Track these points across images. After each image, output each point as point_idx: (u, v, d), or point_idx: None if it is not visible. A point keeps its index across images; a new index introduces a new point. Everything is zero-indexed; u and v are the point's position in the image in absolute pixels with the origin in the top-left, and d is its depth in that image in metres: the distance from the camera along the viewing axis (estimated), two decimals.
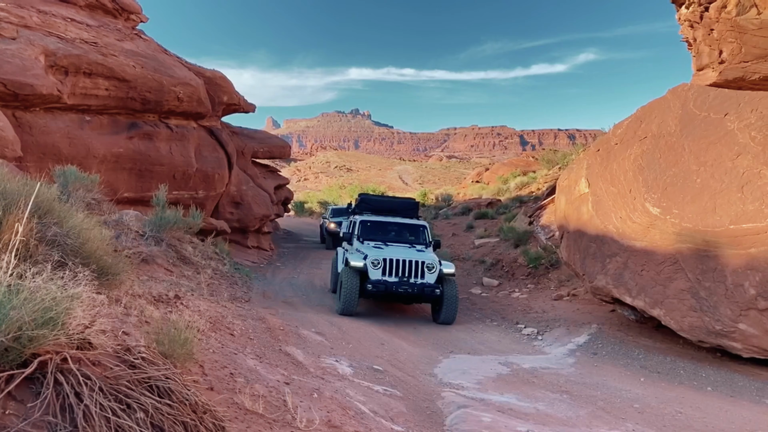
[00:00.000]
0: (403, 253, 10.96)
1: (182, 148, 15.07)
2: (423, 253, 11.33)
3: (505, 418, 5.42)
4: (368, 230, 12.14)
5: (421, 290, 10.45)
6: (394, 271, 10.63)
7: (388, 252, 11.00)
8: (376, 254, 10.80)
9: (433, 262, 10.78)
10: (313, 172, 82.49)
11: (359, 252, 11.13)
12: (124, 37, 14.88)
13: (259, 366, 5.13)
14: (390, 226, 12.50)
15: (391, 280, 10.54)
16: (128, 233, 9.37)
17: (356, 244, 11.72)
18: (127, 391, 2.46)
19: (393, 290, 10.40)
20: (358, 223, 12.31)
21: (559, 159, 27.86)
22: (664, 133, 10.16)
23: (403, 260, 10.69)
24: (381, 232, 12.22)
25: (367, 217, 12.48)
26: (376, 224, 12.35)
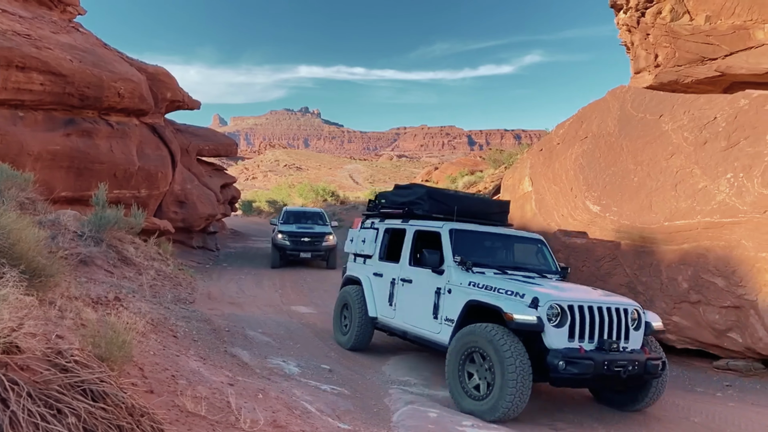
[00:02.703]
0: (579, 294, 6.02)
1: (123, 145, 14.59)
2: (587, 290, 6.46)
3: (451, 414, 5.49)
4: (466, 247, 6.82)
5: (642, 369, 5.70)
6: (587, 330, 5.65)
7: (563, 293, 5.89)
8: (551, 296, 5.66)
9: (637, 309, 6.07)
10: (262, 170, 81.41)
11: (481, 288, 6.05)
12: (60, 30, 14.29)
13: (202, 368, 5.03)
14: (494, 241, 7.49)
15: (594, 351, 5.56)
16: (65, 234, 9.00)
17: (454, 274, 6.47)
18: (58, 396, 2.37)
19: (606, 371, 5.47)
20: (448, 234, 6.86)
21: (505, 159, 28.45)
22: (604, 133, 10.51)
23: (599, 308, 5.76)
24: (481, 250, 7.17)
25: (457, 225, 7.07)
26: (473, 237, 7.10)
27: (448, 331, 6.21)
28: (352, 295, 8.15)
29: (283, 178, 69.29)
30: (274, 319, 9.69)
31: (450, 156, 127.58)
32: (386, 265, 7.83)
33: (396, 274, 7.50)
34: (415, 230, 7.50)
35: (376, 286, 7.90)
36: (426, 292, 6.74)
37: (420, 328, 6.82)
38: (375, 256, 8.10)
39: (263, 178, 76.08)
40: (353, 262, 8.65)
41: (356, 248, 8.53)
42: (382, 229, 8.16)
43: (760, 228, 7.43)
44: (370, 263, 8.16)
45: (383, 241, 8.05)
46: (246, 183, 67.26)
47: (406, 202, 7.90)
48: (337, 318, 8.56)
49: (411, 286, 7.17)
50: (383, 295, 7.68)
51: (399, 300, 7.36)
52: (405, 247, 7.49)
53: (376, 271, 7.96)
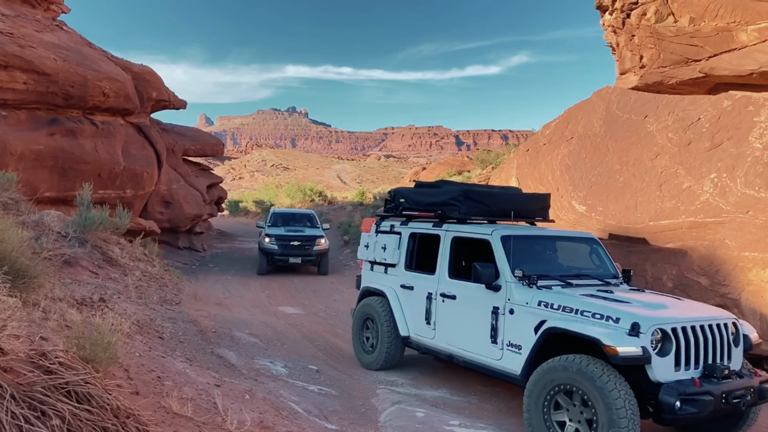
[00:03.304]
0: (677, 311, 5.05)
1: (108, 145, 14.46)
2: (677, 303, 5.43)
3: (438, 413, 5.51)
4: (521, 255, 5.75)
5: (757, 396, 4.85)
6: (692, 355, 4.73)
7: (659, 312, 4.96)
8: (652, 318, 4.69)
9: (735, 322, 5.19)
10: (249, 170, 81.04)
11: (557, 309, 5.03)
12: (44, 29, 14.13)
13: (189, 369, 5.00)
14: (548, 244, 6.59)
15: (706, 382, 4.65)
16: (49, 234, 8.90)
17: (516, 291, 5.42)
18: (42, 398, 2.34)
19: (724, 405, 4.57)
20: (500, 242, 5.76)
21: (492, 159, 28.54)
22: (590, 134, 10.59)
23: (701, 326, 4.84)
24: (535, 256, 6.19)
25: (508, 230, 6.00)
26: (527, 243, 6.10)
27: (513, 358, 5.27)
28: (377, 309, 7.09)
29: (270, 178, 69.04)
30: (261, 320, 9.66)
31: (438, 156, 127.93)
32: (416, 276, 6.73)
33: (432, 287, 6.40)
34: (453, 237, 6.34)
35: (407, 301, 6.80)
36: (478, 311, 5.71)
37: (473, 352, 5.78)
38: (400, 265, 6.98)
39: (250, 178, 75.75)
40: (370, 271, 7.52)
41: (374, 255, 7.34)
42: (405, 234, 7.00)
43: (743, 228, 7.52)
44: (394, 273, 7.06)
45: (408, 248, 6.93)
46: (233, 183, 66.94)
47: (437, 203, 6.69)
48: (357, 334, 7.48)
49: (455, 304, 6.08)
50: (417, 311, 6.59)
51: (440, 319, 6.27)
52: (441, 256, 6.40)
53: (405, 283, 6.85)
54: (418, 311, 6.57)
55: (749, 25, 5.12)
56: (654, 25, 5.90)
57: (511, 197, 7.08)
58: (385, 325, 6.95)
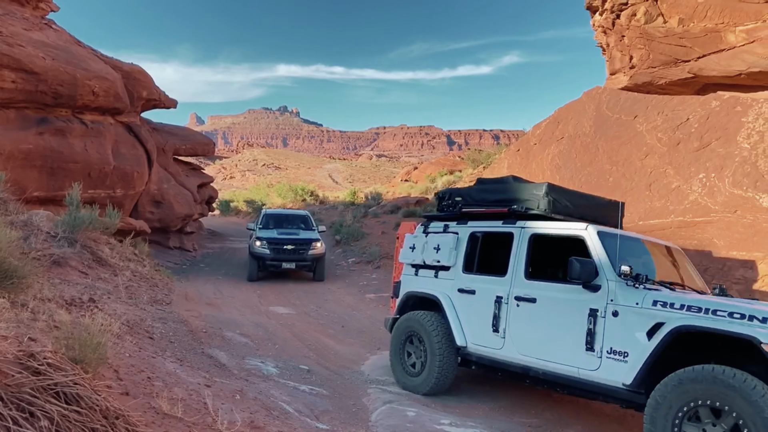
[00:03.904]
0: None
1: (98, 144, 14.37)
2: None
3: (429, 412, 5.52)
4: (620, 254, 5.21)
5: None
6: None
7: None
8: None
9: None
10: (240, 170, 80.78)
11: (680, 309, 4.46)
12: (33, 27, 14.02)
13: (179, 369, 4.98)
14: (639, 248, 5.82)
15: None
16: (38, 234, 8.84)
17: (620, 291, 4.84)
18: (31, 399, 2.33)
19: None
20: (597, 238, 5.23)
21: (484, 158, 28.65)
22: (580, 134, 10.64)
23: None
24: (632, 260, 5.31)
25: (604, 228, 5.46)
26: (625, 244, 5.41)
27: (616, 368, 4.66)
28: (426, 323, 6.30)
29: (261, 177, 68.87)
30: (252, 320, 9.63)
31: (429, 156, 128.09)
32: (479, 279, 6.08)
33: (503, 290, 5.73)
34: (532, 234, 5.73)
35: (466, 307, 6.12)
36: (567, 315, 5.09)
37: (558, 362, 5.09)
38: (457, 267, 6.34)
39: (241, 177, 75.51)
40: (414, 276, 6.83)
41: (423, 258, 6.67)
42: (464, 234, 6.40)
43: (730, 227, 7.59)
44: (448, 276, 6.40)
45: (468, 249, 6.32)
46: (224, 183, 66.71)
47: (509, 199, 6.20)
48: (397, 354, 6.65)
49: (535, 308, 5.41)
50: (480, 318, 5.89)
51: (513, 325, 5.57)
52: (516, 256, 5.76)
53: (464, 287, 6.17)
54: (482, 318, 5.85)
55: (737, 26, 5.17)
56: (643, 25, 5.94)
57: (594, 201, 6.56)
58: (436, 338, 6.14)
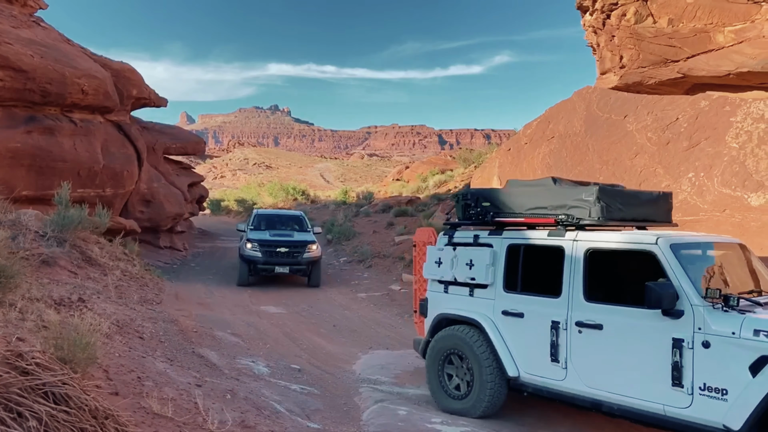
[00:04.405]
0: None
1: (88, 143, 14.26)
2: None
3: (420, 411, 5.52)
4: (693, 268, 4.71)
5: None
6: None
7: None
8: None
9: None
10: (231, 169, 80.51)
11: None
12: (21, 25, 13.90)
13: (169, 369, 4.96)
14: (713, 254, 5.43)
15: None
16: (27, 234, 8.77)
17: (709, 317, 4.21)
18: (19, 399, 2.31)
19: None
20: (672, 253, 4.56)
21: (475, 158, 28.73)
22: (570, 133, 10.68)
23: None
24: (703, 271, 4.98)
25: (678, 237, 4.85)
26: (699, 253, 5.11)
27: (714, 407, 4.08)
28: (469, 342, 5.58)
29: (252, 176, 68.67)
30: (243, 320, 9.61)
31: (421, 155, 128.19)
32: (527, 299, 5.31)
33: (559, 314, 5.01)
34: (589, 249, 4.94)
35: (514, 332, 5.36)
36: (645, 344, 4.47)
37: (639, 398, 4.49)
38: (495, 285, 5.55)
39: (232, 176, 75.25)
40: (444, 294, 6.02)
41: (453, 274, 5.86)
42: (501, 246, 5.59)
43: (719, 226, 7.65)
44: (487, 296, 5.61)
45: (508, 264, 5.52)
46: (214, 182, 66.47)
47: (552, 206, 5.33)
48: (436, 378, 5.88)
49: (602, 336, 4.74)
50: (534, 346, 5.19)
51: (577, 355, 4.90)
52: (571, 273, 5.00)
53: (509, 309, 5.39)
54: (535, 345, 5.16)
55: (726, 26, 5.21)
56: (633, 25, 5.97)
57: (644, 198, 5.72)
58: (485, 362, 5.43)
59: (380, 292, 13.67)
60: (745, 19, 5.03)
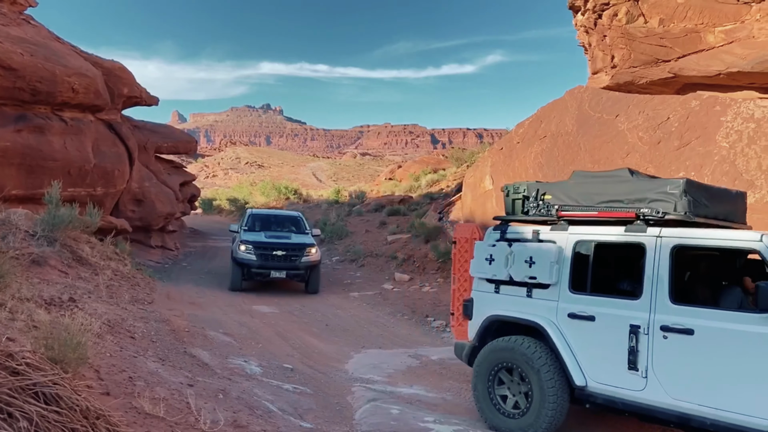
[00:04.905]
0: None
1: (78, 142, 14.17)
2: None
3: (413, 410, 5.53)
4: None
5: None
6: None
7: None
8: None
9: None
10: (223, 168, 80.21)
11: None
12: (10, 23, 13.79)
13: (161, 369, 4.94)
14: None
15: None
16: (17, 233, 8.70)
17: None
18: (9, 399, 2.29)
19: None
20: None
21: (467, 157, 28.75)
22: (562, 132, 10.72)
23: None
24: None
25: None
26: None
27: None
28: (531, 356, 5.01)
29: (244, 175, 68.45)
30: (236, 319, 9.58)
31: (413, 154, 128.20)
32: (599, 301, 4.86)
33: (640, 317, 4.56)
34: (675, 246, 4.52)
35: (583, 337, 4.89)
36: (749, 353, 4.07)
37: (741, 413, 4.08)
38: (560, 285, 5.06)
39: (224, 175, 74.97)
40: (494, 294, 5.51)
41: (510, 272, 5.33)
42: (568, 243, 5.11)
43: None
44: (548, 296, 5.12)
45: (575, 262, 5.07)
46: (206, 181, 66.20)
47: (632, 199, 4.90)
48: (484, 391, 5.32)
49: (693, 342, 4.32)
50: (608, 351, 4.73)
51: (661, 363, 4.44)
52: (654, 273, 4.56)
53: (577, 311, 4.91)
54: (609, 351, 4.72)
55: (716, 27, 5.25)
56: (625, 25, 6.00)
57: (726, 196, 5.43)
58: (547, 374, 4.90)
59: (373, 292, 13.68)
60: (735, 20, 5.07)
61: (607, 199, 5.02)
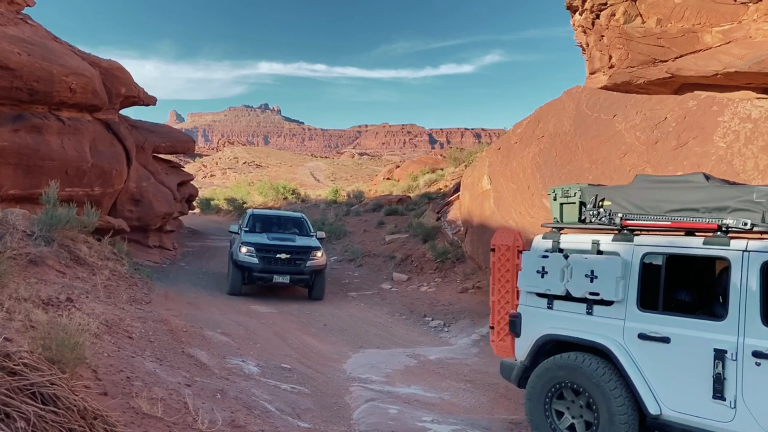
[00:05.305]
0: None
1: (76, 142, 14.15)
2: None
3: (411, 409, 5.53)
4: None
5: None
6: None
7: None
8: None
9: None
10: (220, 168, 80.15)
11: None
12: (8, 22, 13.76)
13: (159, 369, 4.94)
14: None
15: None
16: (14, 233, 8.68)
17: None
18: (6, 400, 2.29)
19: None
20: None
21: (465, 157, 28.75)
22: (560, 133, 10.73)
23: None
24: None
25: None
26: None
27: None
28: (595, 375, 4.57)
29: (242, 175, 68.39)
30: (233, 319, 9.57)
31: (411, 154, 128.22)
32: (675, 321, 4.37)
33: (726, 341, 4.08)
34: (767, 261, 4.03)
35: (657, 360, 4.40)
36: None
37: None
38: (627, 302, 4.57)
39: (222, 175, 74.91)
40: (547, 310, 5.05)
41: (568, 287, 4.83)
42: (634, 256, 4.61)
43: None
44: (613, 315, 4.64)
45: (644, 276, 4.58)
46: (204, 181, 66.16)
47: (710, 208, 4.42)
48: (541, 415, 4.87)
49: None
50: (687, 377, 4.25)
51: (753, 392, 3.96)
52: (741, 291, 4.10)
53: (648, 332, 4.42)
54: (689, 378, 4.25)
55: (714, 27, 5.25)
56: (622, 25, 6.01)
57: None
58: (617, 399, 4.45)
59: (371, 291, 13.69)
60: (732, 20, 5.08)
61: (679, 207, 4.54)
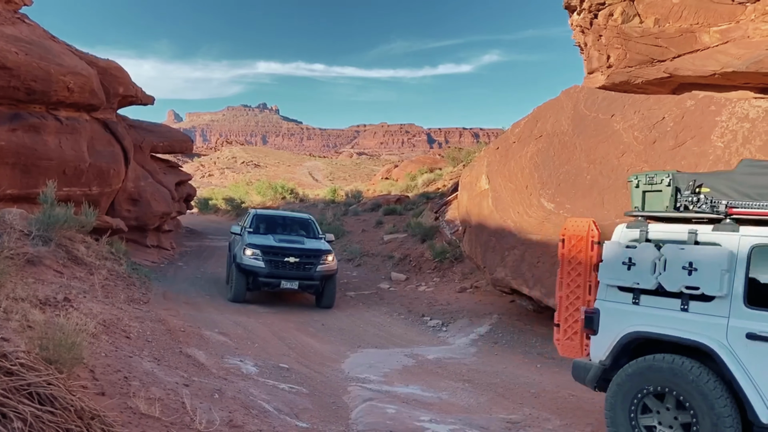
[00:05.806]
0: None
1: (73, 141, 14.12)
2: None
3: (409, 409, 5.53)
4: None
5: None
6: None
7: None
8: None
9: None
10: (219, 167, 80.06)
11: None
12: (5, 21, 13.73)
13: (156, 369, 4.93)
14: None
15: None
16: (11, 233, 8.66)
17: None
18: (3, 400, 2.29)
19: None
20: None
21: (464, 157, 28.78)
22: (558, 132, 10.73)
23: None
24: None
25: None
26: None
27: None
28: (697, 380, 4.12)
29: (240, 175, 68.35)
30: (232, 319, 9.57)
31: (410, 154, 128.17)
32: None
33: None
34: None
35: (766, 363, 3.93)
36: None
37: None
38: (731, 298, 4.15)
39: (220, 175, 74.83)
40: (631, 306, 4.63)
41: (660, 280, 4.43)
42: (740, 246, 4.21)
43: None
44: (714, 312, 4.21)
45: (752, 270, 4.13)
46: (202, 180, 66.09)
47: None
48: (626, 422, 4.47)
49: None
50: None
51: None
52: None
53: (759, 332, 3.96)
54: None
55: (711, 27, 5.26)
56: (620, 25, 6.01)
57: None
58: (723, 407, 4.00)
59: (369, 291, 13.69)
60: (730, 20, 5.08)
61: None
